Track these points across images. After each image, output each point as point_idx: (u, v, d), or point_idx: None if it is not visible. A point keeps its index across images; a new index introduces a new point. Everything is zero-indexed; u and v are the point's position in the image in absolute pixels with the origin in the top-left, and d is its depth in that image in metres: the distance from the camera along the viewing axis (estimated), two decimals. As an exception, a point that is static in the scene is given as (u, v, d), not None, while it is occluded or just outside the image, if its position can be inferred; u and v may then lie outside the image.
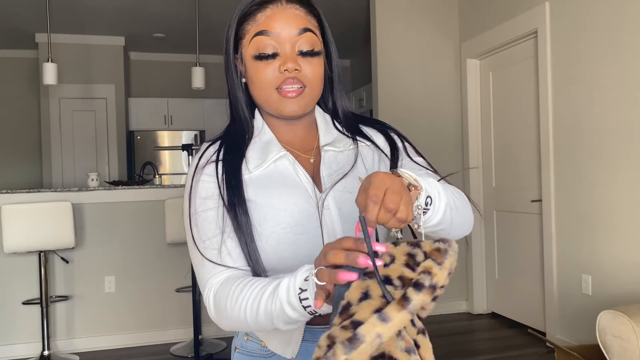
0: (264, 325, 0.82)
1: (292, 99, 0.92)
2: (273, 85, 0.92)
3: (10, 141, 6.56)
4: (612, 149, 2.94)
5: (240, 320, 0.84)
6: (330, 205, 0.94)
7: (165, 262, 3.88)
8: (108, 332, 3.77)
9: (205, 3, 5.14)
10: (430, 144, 4.33)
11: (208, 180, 0.95)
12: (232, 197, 0.92)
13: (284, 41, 0.91)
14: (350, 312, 0.66)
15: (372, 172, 0.79)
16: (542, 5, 3.40)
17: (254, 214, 0.92)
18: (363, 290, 0.68)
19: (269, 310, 0.80)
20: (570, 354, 2.23)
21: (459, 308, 4.41)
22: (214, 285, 0.90)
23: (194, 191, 0.95)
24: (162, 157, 6.60)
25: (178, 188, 3.91)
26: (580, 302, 3.22)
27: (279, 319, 0.80)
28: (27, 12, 5.27)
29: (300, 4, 0.94)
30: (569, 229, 3.29)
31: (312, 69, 0.93)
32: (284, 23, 0.91)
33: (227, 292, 0.86)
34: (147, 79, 7.05)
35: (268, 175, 0.96)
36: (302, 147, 1.00)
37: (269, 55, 0.91)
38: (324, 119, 1.03)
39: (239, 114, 1.00)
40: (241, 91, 1.00)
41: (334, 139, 1.01)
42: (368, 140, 1.02)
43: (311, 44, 0.93)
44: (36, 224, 3.32)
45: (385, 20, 4.29)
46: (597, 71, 3.03)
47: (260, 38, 0.91)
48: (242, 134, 0.99)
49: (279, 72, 0.91)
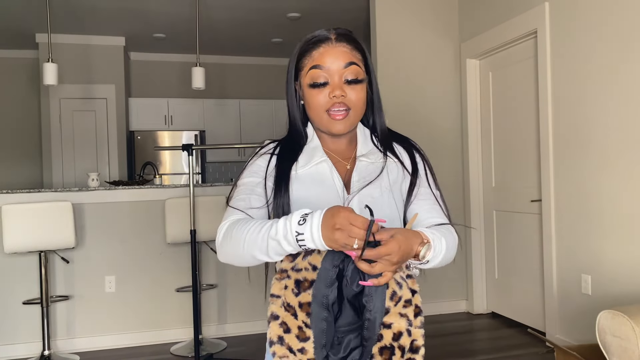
0: (257, 246, 1.01)
1: (339, 120, 1.15)
2: (324, 108, 1.14)
3: (11, 141, 6.57)
4: (612, 149, 2.94)
5: (240, 243, 1.04)
6: (354, 205, 1.15)
7: (166, 262, 3.88)
8: (108, 332, 3.78)
9: (205, 3, 5.14)
10: (430, 144, 4.33)
11: (260, 163, 1.21)
12: (280, 187, 1.16)
13: (333, 73, 1.14)
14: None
15: (408, 229, 1.04)
16: (542, 6, 3.41)
17: (294, 204, 1.15)
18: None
19: (265, 238, 1.00)
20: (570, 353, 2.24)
21: (458, 308, 4.41)
22: (232, 220, 1.11)
23: (248, 166, 1.22)
24: (162, 157, 6.61)
25: (178, 188, 3.91)
26: (580, 302, 3.23)
27: (273, 249, 1.01)
28: (27, 12, 5.27)
29: (347, 42, 1.16)
30: (569, 229, 3.29)
31: (356, 94, 1.15)
32: (333, 58, 1.14)
33: (238, 223, 1.08)
34: (147, 79, 7.05)
35: (311, 175, 1.19)
36: (343, 155, 1.23)
37: (321, 84, 1.14)
38: (364, 133, 1.26)
39: (296, 128, 1.24)
40: (299, 111, 1.23)
41: (369, 151, 1.23)
42: (396, 158, 1.24)
43: (355, 74, 1.15)
44: (36, 224, 3.32)
45: (385, 21, 4.29)
46: (596, 71, 3.03)
47: (314, 71, 1.14)
48: (298, 142, 1.23)
49: (329, 98, 1.14)
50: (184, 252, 3.88)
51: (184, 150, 3.32)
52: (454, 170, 4.42)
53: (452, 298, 4.40)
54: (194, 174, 3.43)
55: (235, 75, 7.32)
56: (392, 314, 1.00)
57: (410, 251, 1.00)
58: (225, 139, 6.95)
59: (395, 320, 1.00)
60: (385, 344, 0.99)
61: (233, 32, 6.18)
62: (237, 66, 7.34)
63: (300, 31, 6.07)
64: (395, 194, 1.20)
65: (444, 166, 4.39)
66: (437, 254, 1.08)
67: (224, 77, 7.26)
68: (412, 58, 4.34)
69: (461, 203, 4.42)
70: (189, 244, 3.59)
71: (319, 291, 0.97)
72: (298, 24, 5.88)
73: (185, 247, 3.86)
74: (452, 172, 4.41)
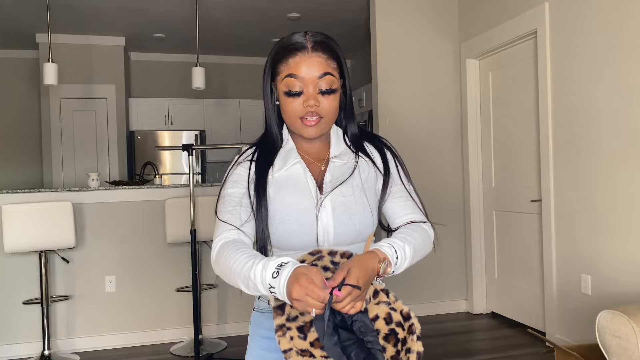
0: (241, 280, 1.06)
1: (311, 126, 1.19)
2: (298, 115, 1.19)
3: (11, 141, 6.57)
4: (612, 149, 2.94)
5: (227, 270, 1.10)
6: (326, 205, 1.21)
7: (166, 262, 3.88)
8: (108, 332, 3.78)
9: (205, 3, 5.14)
10: (430, 144, 4.33)
11: (240, 172, 1.25)
12: (259, 192, 1.21)
13: (308, 83, 1.17)
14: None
15: (362, 255, 1.07)
16: (542, 6, 3.41)
17: (271, 206, 1.21)
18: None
19: (247, 277, 1.05)
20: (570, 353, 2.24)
21: (458, 308, 4.41)
22: (225, 238, 1.17)
23: (229, 175, 1.26)
24: (162, 157, 6.61)
25: (178, 188, 3.91)
26: (579, 301, 3.23)
27: (252, 288, 1.06)
28: (27, 12, 5.27)
29: (323, 51, 1.19)
30: (569, 228, 3.29)
31: (329, 103, 1.19)
32: (309, 68, 1.17)
33: (229, 247, 1.13)
34: (147, 79, 7.05)
35: (286, 177, 1.24)
36: (316, 156, 1.28)
37: (296, 93, 1.18)
38: (337, 135, 1.30)
39: (271, 129, 1.28)
40: (274, 113, 1.27)
41: (341, 152, 1.28)
42: (368, 158, 1.29)
43: (329, 84, 1.18)
44: (36, 224, 3.32)
45: (385, 21, 4.29)
46: (596, 71, 3.03)
47: (289, 79, 1.18)
48: (273, 143, 1.28)
49: (303, 107, 1.18)
50: (184, 252, 3.89)
51: (184, 150, 3.32)
52: (454, 170, 4.42)
53: (452, 298, 4.40)
54: (194, 174, 3.43)
55: (235, 75, 7.32)
56: (371, 309, 1.09)
57: (371, 273, 1.04)
58: (225, 139, 6.95)
59: (377, 310, 1.08)
60: (385, 332, 1.07)
61: (233, 32, 6.18)
62: (237, 66, 7.34)
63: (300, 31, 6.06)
64: (368, 192, 1.26)
65: (444, 166, 4.39)
66: (401, 264, 1.14)
67: (224, 77, 7.27)
68: (412, 58, 4.34)
69: (461, 203, 4.42)
70: (189, 244, 3.59)
71: (320, 324, 1.03)
72: (298, 24, 5.88)
73: (185, 247, 3.87)
74: (452, 172, 4.41)
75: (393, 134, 4.15)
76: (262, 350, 1.25)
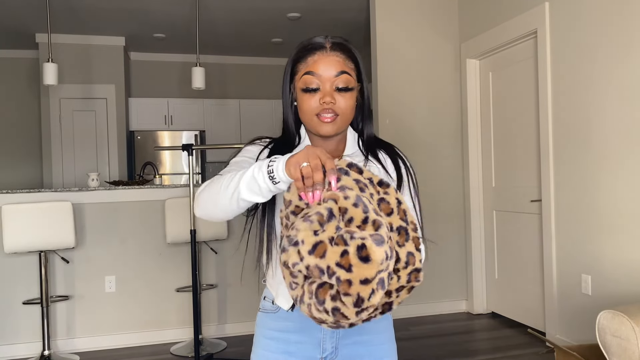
0: (230, 190, 1.06)
1: (327, 123, 1.22)
2: (314, 112, 1.22)
3: (11, 141, 6.57)
4: (612, 149, 2.94)
5: (215, 190, 1.10)
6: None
7: (166, 262, 3.88)
8: (108, 332, 3.78)
9: (205, 3, 5.14)
10: (430, 144, 4.33)
11: (252, 149, 1.29)
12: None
13: (325, 80, 1.20)
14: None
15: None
16: (542, 6, 3.41)
17: (279, 197, 1.20)
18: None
19: (238, 180, 1.05)
20: (570, 353, 2.24)
21: (458, 308, 4.41)
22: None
23: (242, 151, 1.30)
24: (162, 157, 6.61)
25: (178, 188, 3.91)
26: (580, 302, 3.23)
27: (246, 187, 1.05)
28: (27, 12, 5.27)
29: (341, 51, 1.23)
30: (569, 229, 3.29)
31: (345, 101, 1.22)
32: (326, 66, 1.21)
33: (216, 177, 1.16)
34: (147, 79, 7.05)
35: None
36: (331, 155, 1.28)
37: (313, 90, 1.21)
38: (353, 136, 1.33)
39: (289, 128, 1.31)
40: (291, 112, 1.30)
41: (353, 153, 1.30)
42: (379, 163, 1.30)
43: (345, 83, 1.21)
44: (36, 224, 3.32)
45: (385, 20, 4.29)
46: (596, 71, 3.03)
47: (307, 77, 1.21)
48: (290, 142, 1.30)
49: (319, 103, 1.21)
50: (184, 252, 3.88)
51: (184, 150, 3.32)
52: (454, 170, 4.42)
53: (452, 298, 4.40)
54: (194, 174, 3.43)
55: (235, 75, 7.32)
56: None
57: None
58: (225, 139, 6.95)
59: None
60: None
61: (233, 32, 6.18)
62: (237, 66, 7.34)
63: (300, 31, 6.07)
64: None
65: (444, 166, 4.39)
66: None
67: (224, 77, 7.27)
68: (412, 58, 4.34)
69: (461, 203, 4.42)
70: (189, 244, 3.59)
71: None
72: (298, 24, 5.88)
73: (185, 247, 3.87)
74: (452, 172, 4.41)
75: (393, 134, 4.15)
76: (267, 351, 1.27)
